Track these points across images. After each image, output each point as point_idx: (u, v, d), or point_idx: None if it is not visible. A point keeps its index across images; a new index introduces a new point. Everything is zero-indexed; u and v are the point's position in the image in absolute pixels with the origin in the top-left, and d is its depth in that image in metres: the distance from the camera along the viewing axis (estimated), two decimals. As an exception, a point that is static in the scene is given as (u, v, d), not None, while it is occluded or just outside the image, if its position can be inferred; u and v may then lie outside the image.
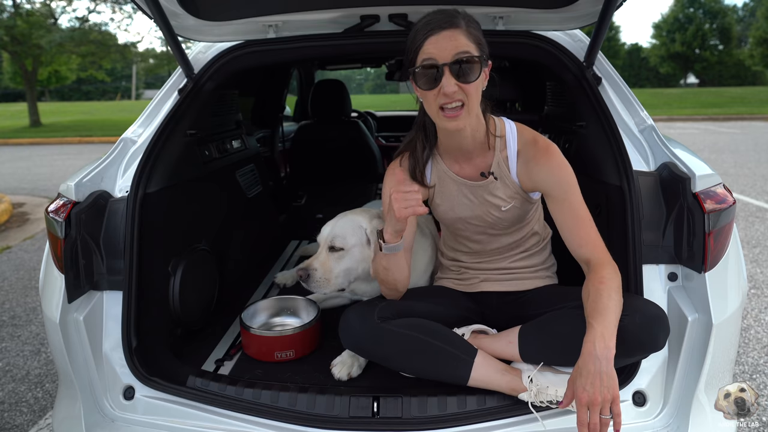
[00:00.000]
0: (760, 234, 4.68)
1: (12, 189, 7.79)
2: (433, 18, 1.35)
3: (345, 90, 3.57)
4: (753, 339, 2.82)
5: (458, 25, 1.33)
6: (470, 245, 1.68)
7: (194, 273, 1.93)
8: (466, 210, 1.58)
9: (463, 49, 1.32)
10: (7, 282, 3.99)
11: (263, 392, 1.45)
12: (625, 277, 1.42)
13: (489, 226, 1.60)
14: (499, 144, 1.52)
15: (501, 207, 1.54)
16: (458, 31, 1.32)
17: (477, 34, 1.36)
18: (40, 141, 15.34)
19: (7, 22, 16.64)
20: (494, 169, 1.52)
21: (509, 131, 1.53)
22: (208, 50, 2.00)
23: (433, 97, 1.36)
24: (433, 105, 1.38)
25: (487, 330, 1.58)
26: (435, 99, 1.36)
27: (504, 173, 1.52)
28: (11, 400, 2.44)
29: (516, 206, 1.54)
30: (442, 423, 1.37)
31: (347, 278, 1.82)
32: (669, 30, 42.60)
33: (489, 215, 1.56)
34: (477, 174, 1.54)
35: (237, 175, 2.53)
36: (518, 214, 1.56)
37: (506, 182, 1.52)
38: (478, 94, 1.39)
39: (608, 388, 1.17)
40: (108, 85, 47.07)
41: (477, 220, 1.59)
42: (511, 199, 1.53)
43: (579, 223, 1.44)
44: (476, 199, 1.56)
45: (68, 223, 1.50)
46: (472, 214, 1.58)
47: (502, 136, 1.52)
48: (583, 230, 1.43)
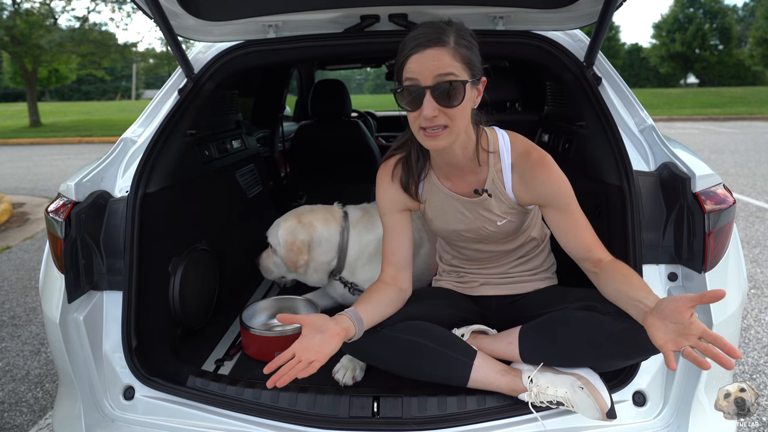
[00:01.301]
0: (760, 234, 4.68)
1: (12, 189, 7.79)
2: (420, 33, 1.27)
3: (345, 90, 3.57)
4: (753, 339, 2.82)
5: (445, 42, 1.25)
6: (467, 253, 1.67)
7: (194, 273, 1.93)
8: (460, 224, 1.56)
9: (446, 71, 1.24)
10: (7, 282, 3.99)
11: (263, 392, 1.45)
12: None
13: (484, 239, 1.58)
14: (492, 159, 1.46)
15: (497, 222, 1.52)
16: (444, 50, 1.24)
17: (466, 53, 1.27)
18: (40, 141, 15.34)
19: (7, 22, 16.63)
20: (488, 186, 1.48)
21: (502, 144, 1.47)
22: (208, 50, 1.99)
23: (414, 118, 1.31)
24: (414, 124, 1.33)
25: (487, 330, 1.58)
26: (416, 120, 1.31)
27: (499, 190, 1.47)
28: (11, 400, 2.44)
29: (512, 220, 1.52)
30: (442, 423, 1.37)
31: (280, 270, 2.12)
32: (669, 30, 42.64)
33: (484, 230, 1.54)
34: (470, 191, 1.50)
35: (237, 175, 2.53)
36: (514, 226, 1.55)
37: (501, 198, 1.49)
38: (464, 116, 1.31)
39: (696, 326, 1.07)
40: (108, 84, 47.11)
41: (472, 233, 1.57)
42: (507, 214, 1.51)
43: (580, 231, 1.42)
44: (471, 215, 1.53)
45: (68, 223, 1.50)
46: (467, 228, 1.56)
47: (495, 151, 1.46)
48: (584, 237, 1.41)
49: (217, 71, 1.92)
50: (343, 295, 2.09)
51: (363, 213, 2.08)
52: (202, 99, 1.94)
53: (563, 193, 1.42)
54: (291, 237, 1.97)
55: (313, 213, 2.04)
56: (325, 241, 1.99)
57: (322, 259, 2.01)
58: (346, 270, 2.04)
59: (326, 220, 2.02)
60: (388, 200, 1.56)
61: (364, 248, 2.02)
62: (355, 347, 1.47)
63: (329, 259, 2.02)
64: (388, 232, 1.57)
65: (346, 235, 2.01)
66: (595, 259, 1.39)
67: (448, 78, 1.24)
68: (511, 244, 1.62)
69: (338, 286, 2.09)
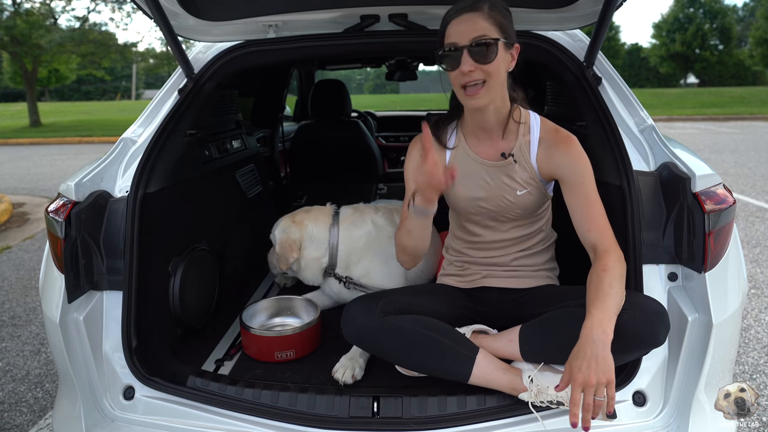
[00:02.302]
0: (760, 234, 4.68)
1: (12, 189, 7.79)
2: (459, 3, 1.45)
3: (345, 90, 3.57)
4: (753, 339, 2.82)
5: (479, 8, 1.41)
6: (478, 231, 1.68)
7: (194, 273, 1.93)
8: (480, 191, 1.60)
9: (480, 33, 1.39)
10: (7, 282, 3.99)
11: (263, 392, 1.45)
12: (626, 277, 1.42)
13: (500, 212, 1.60)
14: (522, 129, 1.57)
15: (516, 191, 1.57)
16: (478, 14, 1.40)
17: (499, 17, 1.42)
18: (40, 141, 15.34)
19: (7, 22, 16.62)
20: (515, 152, 1.56)
21: (533, 121, 1.58)
22: (208, 50, 2.00)
23: (456, 77, 1.45)
24: (457, 84, 1.46)
25: (487, 330, 1.58)
26: (457, 79, 1.45)
27: (524, 157, 1.55)
28: (11, 400, 2.44)
29: (530, 193, 1.57)
30: (442, 423, 1.37)
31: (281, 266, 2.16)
32: (669, 30, 42.61)
33: (503, 199, 1.58)
34: (497, 155, 1.58)
35: (237, 175, 2.53)
36: (531, 201, 1.58)
37: (525, 166, 1.55)
38: (500, 74, 1.44)
39: (603, 371, 1.18)
40: (108, 84, 47.11)
41: (489, 203, 1.60)
42: (527, 185, 1.56)
43: (590, 208, 1.46)
44: (492, 182, 1.59)
45: (68, 223, 1.50)
46: (486, 195, 1.60)
47: (525, 122, 1.57)
48: (593, 215, 1.45)
49: (217, 71, 1.92)
50: (339, 292, 2.12)
51: (353, 211, 2.16)
52: (202, 99, 1.94)
53: (581, 169, 1.49)
54: (285, 235, 2.08)
55: (307, 213, 2.15)
56: (314, 239, 2.08)
57: (313, 255, 2.08)
58: (340, 266, 2.09)
59: (317, 219, 2.12)
60: (418, 162, 1.59)
61: (354, 244, 2.08)
62: (360, 336, 1.48)
63: (319, 256, 2.08)
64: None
65: (335, 232, 2.09)
66: (591, 243, 1.44)
67: (483, 38, 1.40)
68: (521, 231, 1.64)
69: (334, 283, 2.11)
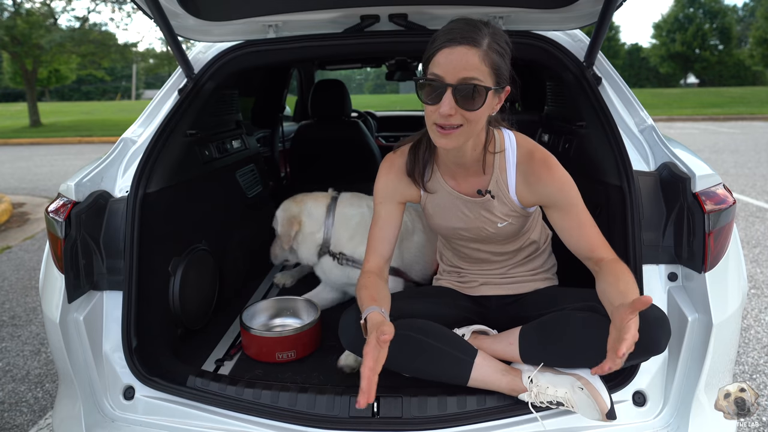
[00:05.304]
0: (760, 234, 4.68)
1: (12, 189, 7.79)
2: (455, 27, 1.25)
3: (345, 90, 3.57)
4: (753, 339, 2.82)
5: (478, 43, 1.23)
6: (466, 252, 1.67)
7: (194, 273, 1.93)
8: (459, 222, 1.56)
9: (471, 74, 1.22)
10: (7, 282, 3.99)
11: (263, 392, 1.45)
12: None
13: (483, 239, 1.58)
14: (498, 161, 1.47)
15: (497, 224, 1.52)
16: (474, 51, 1.22)
17: (496, 59, 1.26)
18: (40, 141, 15.33)
19: (7, 22, 16.61)
20: (491, 188, 1.48)
21: (508, 145, 1.47)
22: (208, 50, 2.00)
23: (431, 112, 1.30)
24: (429, 118, 1.32)
25: (487, 330, 1.58)
26: (432, 116, 1.30)
27: (502, 192, 1.48)
28: (11, 400, 2.44)
29: (512, 223, 1.53)
30: (442, 423, 1.37)
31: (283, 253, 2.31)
32: (669, 30, 42.59)
33: (483, 230, 1.55)
34: (473, 191, 1.51)
35: (237, 175, 2.53)
36: (514, 229, 1.55)
37: (504, 201, 1.49)
38: (480, 121, 1.31)
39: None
40: (108, 84, 47.09)
41: (470, 233, 1.57)
42: (508, 217, 1.51)
43: (585, 230, 1.42)
44: (471, 214, 1.54)
45: (68, 223, 1.50)
46: (466, 227, 1.56)
47: (501, 151, 1.47)
48: (590, 237, 1.41)
49: (217, 71, 1.92)
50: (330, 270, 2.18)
51: (352, 195, 2.28)
52: (202, 99, 1.94)
53: (567, 193, 1.42)
54: (286, 213, 2.24)
55: (308, 194, 2.31)
56: (312, 215, 2.21)
57: (309, 230, 2.19)
58: (333, 243, 2.17)
59: (316, 198, 2.26)
60: (388, 189, 1.57)
61: (348, 221, 2.17)
62: (357, 345, 1.47)
63: (315, 231, 2.18)
64: (380, 222, 1.57)
65: (332, 211, 2.20)
66: (597, 258, 1.40)
67: (473, 81, 1.23)
68: (510, 246, 1.63)
69: (327, 262, 2.17)
